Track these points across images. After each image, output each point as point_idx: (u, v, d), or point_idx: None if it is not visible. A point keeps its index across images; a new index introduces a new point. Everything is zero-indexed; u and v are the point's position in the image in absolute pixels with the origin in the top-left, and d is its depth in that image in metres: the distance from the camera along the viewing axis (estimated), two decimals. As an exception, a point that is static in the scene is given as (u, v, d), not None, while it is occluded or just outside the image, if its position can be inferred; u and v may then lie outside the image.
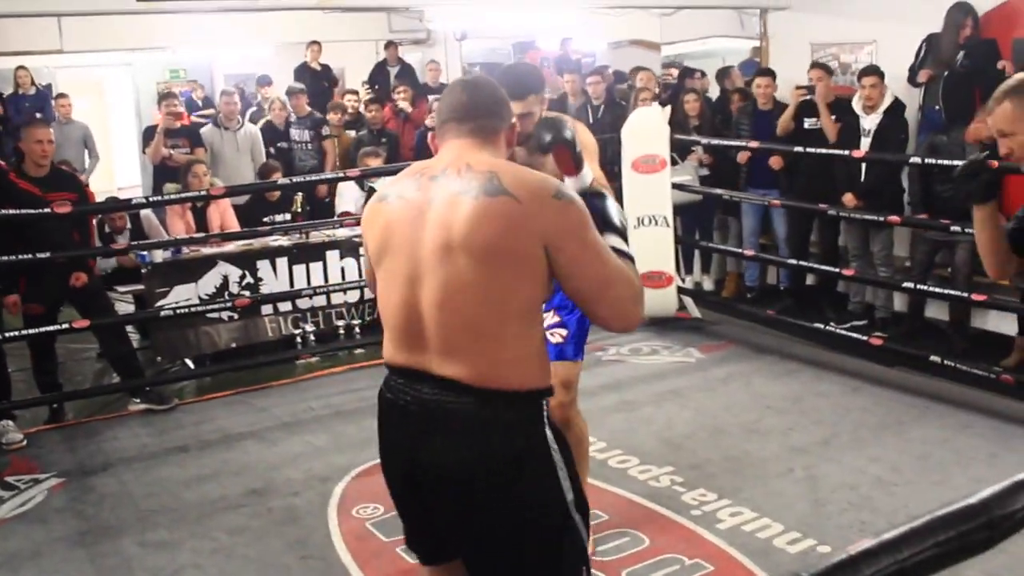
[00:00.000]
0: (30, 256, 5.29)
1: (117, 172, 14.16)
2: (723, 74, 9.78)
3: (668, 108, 7.07)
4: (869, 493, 4.26)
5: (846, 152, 6.23)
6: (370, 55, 12.78)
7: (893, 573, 1.31)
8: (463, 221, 2.09)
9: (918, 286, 5.90)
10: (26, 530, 4.28)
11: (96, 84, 15.10)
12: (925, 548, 1.35)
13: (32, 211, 5.32)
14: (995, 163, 3.10)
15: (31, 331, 5.46)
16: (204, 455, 5.03)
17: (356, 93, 10.25)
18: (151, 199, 6.76)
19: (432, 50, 13.45)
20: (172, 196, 6.70)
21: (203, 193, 6.50)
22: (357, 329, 6.98)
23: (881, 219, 5.89)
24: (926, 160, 5.61)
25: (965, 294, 5.54)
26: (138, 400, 5.78)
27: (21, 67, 10.92)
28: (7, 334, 5.37)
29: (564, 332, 3.69)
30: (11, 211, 5.25)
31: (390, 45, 12.02)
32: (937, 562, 1.37)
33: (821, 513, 4.11)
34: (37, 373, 5.77)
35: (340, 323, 6.96)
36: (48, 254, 5.36)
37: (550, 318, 3.62)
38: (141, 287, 6.66)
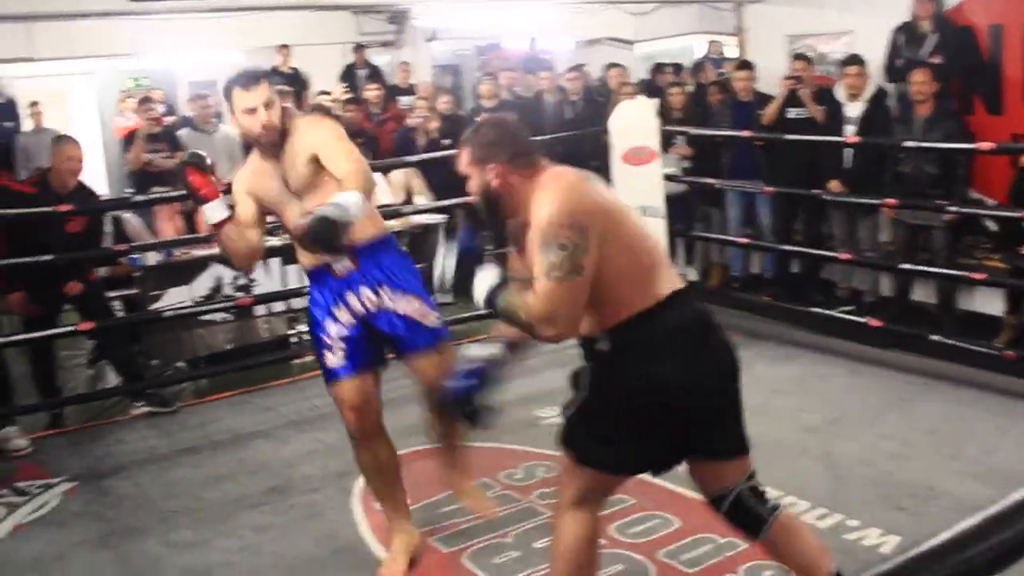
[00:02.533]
0: (30, 260, 5.24)
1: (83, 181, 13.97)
2: (698, 68, 9.91)
3: (656, 100, 7.14)
4: (887, 467, 4.34)
5: (841, 138, 6.33)
6: (337, 59, 12.74)
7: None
8: None
9: (918, 268, 6.02)
10: (46, 534, 4.25)
11: (60, 93, 14.90)
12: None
13: (23, 211, 5.27)
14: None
15: (34, 335, 5.40)
16: (217, 455, 5.00)
17: (329, 94, 10.20)
18: (147, 197, 6.71)
19: (400, 52, 13.42)
20: (164, 195, 6.66)
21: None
22: (353, 328, 6.95)
23: (875, 203, 5.98)
24: (921, 144, 5.71)
25: (964, 273, 5.64)
26: (140, 403, 5.73)
27: (-11, 75, 10.77)
28: (10, 338, 5.31)
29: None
30: (10, 211, 5.20)
31: (359, 48, 11.99)
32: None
33: (843, 488, 4.18)
34: (36, 377, 5.71)
35: (335, 322, 6.93)
36: (49, 257, 5.29)
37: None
38: (133, 291, 6.60)
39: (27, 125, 10.55)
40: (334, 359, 3.64)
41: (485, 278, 2.70)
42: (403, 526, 3.82)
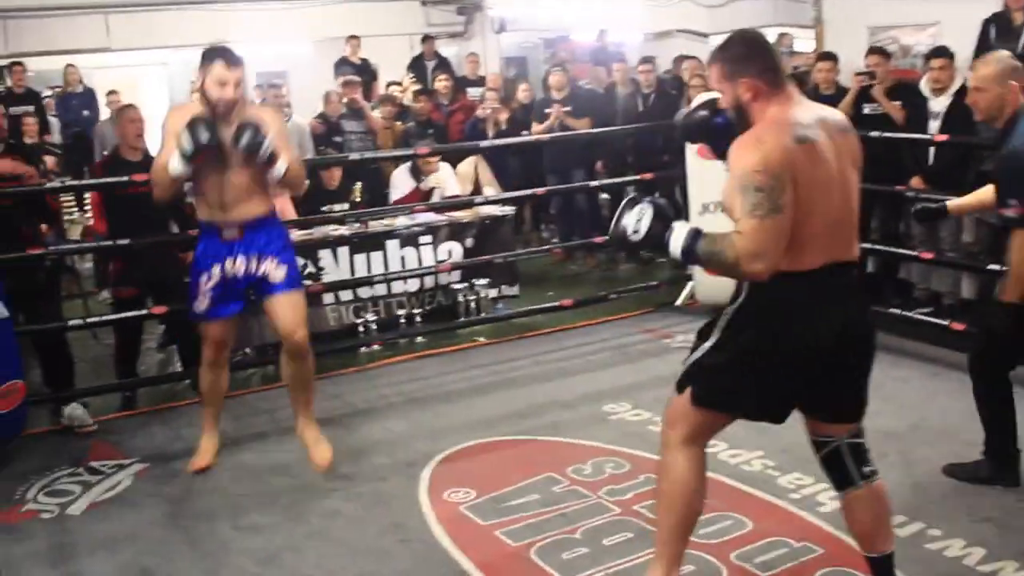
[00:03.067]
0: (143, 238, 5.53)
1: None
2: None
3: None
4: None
5: (918, 135, 6.15)
6: (404, 50, 12.77)
7: None
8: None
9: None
10: (120, 513, 4.28)
11: (132, 83, 15.11)
12: None
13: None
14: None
15: (110, 317, 5.48)
16: (284, 441, 4.99)
17: (400, 84, 10.22)
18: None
19: (468, 44, 13.44)
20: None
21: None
22: (418, 318, 6.94)
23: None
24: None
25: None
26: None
27: (70, 65, 10.96)
28: (88, 320, 5.39)
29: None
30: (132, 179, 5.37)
31: (427, 39, 12.00)
32: None
33: (924, 497, 4.05)
34: (120, 361, 5.79)
35: (401, 312, 6.93)
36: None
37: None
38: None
39: (104, 114, 10.68)
40: (201, 305, 4.50)
41: (682, 229, 2.83)
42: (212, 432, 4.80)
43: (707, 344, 2.99)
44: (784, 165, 2.71)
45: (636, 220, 2.88)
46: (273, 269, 4.44)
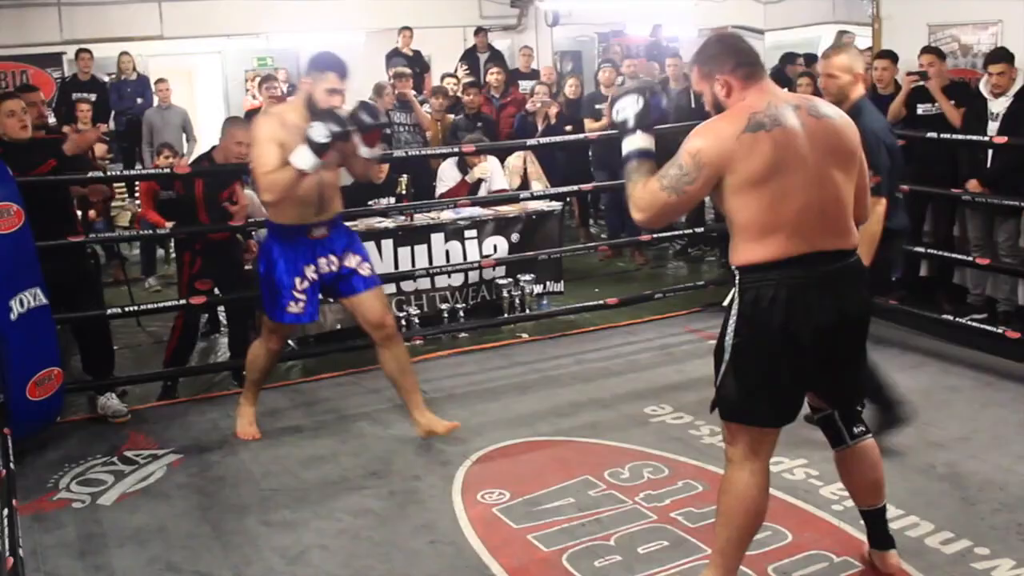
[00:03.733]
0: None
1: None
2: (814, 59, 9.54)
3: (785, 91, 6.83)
4: (1021, 494, 4.04)
5: (985, 137, 5.96)
6: (458, 42, 12.72)
7: None
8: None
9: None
10: (150, 504, 4.26)
11: (187, 71, 15.22)
12: None
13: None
14: None
15: (151, 305, 5.54)
16: (320, 435, 4.96)
17: (455, 76, 10.15)
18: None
19: (521, 36, 13.35)
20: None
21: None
22: (461, 313, 6.89)
23: (1018, 204, 5.59)
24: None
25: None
26: (237, 382, 5.77)
27: (124, 53, 11.03)
28: (126, 308, 5.43)
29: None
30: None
31: (480, 31, 11.93)
32: None
33: (972, 513, 3.91)
34: (176, 350, 5.83)
35: (444, 306, 6.87)
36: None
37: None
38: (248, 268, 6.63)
39: (154, 102, 10.75)
40: (296, 308, 4.56)
41: (637, 140, 3.15)
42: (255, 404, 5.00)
43: (725, 358, 3.08)
44: (714, 160, 2.90)
45: (626, 105, 3.19)
46: (359, 264, 4.62)
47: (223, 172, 5.85)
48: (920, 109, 6.86)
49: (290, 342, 6.49)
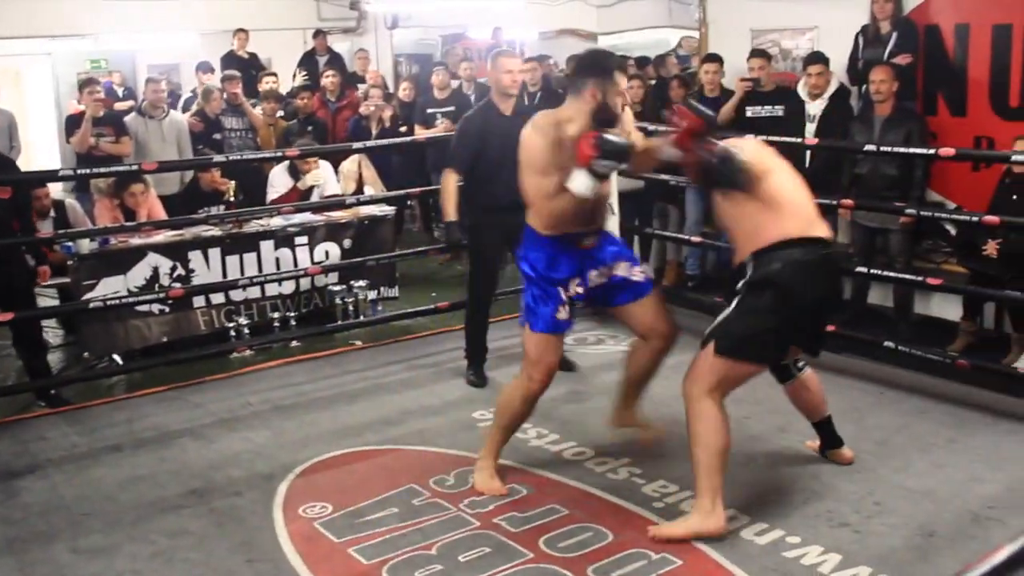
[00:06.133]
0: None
1: (36, 163, 13.70)
2: (660, 61, 9.74)
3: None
4: (831, 481, 4.18)
5: (795, 139, 6.16)
6: (297, 44, 12.52)
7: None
8: None
9: (885, 273, 5.89)
10: (-52, 537, 4.01)
11: (15, 74, 14.59)
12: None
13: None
14: None
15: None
16: (139, 454, 4.77)
17: (275, 75, 9.90)
18: (67, 173, 6.43)
19: (362, 39, 13.23)
20: (104, 170, 6.48)
21: (135, 168, 6.30)
22: (293, 321, 6.75)
23: (833, 203, 5.79)
24: (882, 148, 5.54)
25: (919, 278, 5.49)
26: (43, 403, 5.52)
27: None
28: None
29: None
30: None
31: (319, 34, 11.77)
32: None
33: (785, 503, 4.02)
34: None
35: (275, 315, 6.73)
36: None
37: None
38: (67, 280, 6.36)
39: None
40: (563, 314, 4.11)
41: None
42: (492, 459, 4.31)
43: (729, 308, 3.72)
44: None
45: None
46: (630, 270, 4.24)
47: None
48: (749, 112, 7.05)
49: (115, 356, 6.27)
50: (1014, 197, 5.72)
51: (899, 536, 3.73)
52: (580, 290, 4.13)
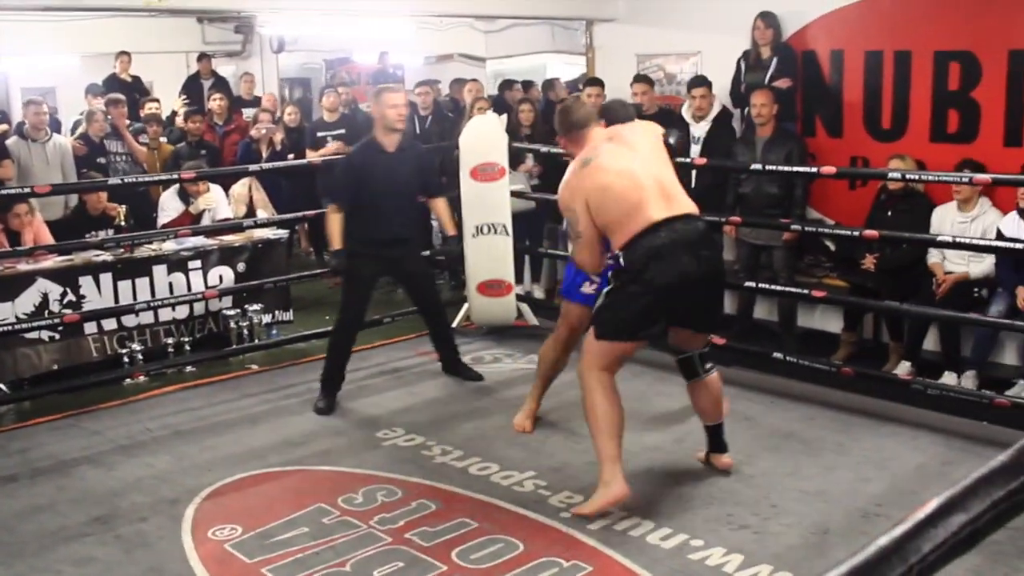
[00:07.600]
0: None
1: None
2: (548, 86, 9.93)
3: (504, 116, 7.06)
4: (730, 486, 4.36)
5: (684, 159, 6.37)
6: (181, 67, 12.35)
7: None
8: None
9: (772, 287, 6.14)
10: None
11: None
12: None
13: None
14: None
15: None
16: (36, 483, 4.66)
17: (158, 101, 9.77)
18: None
19: (247, 63, 13.10)
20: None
21: (26, 191, 6.15)
22: (187, 347, 6.66)
23: (721, 221, 6.02)
24: (767, 167, 5.80)
25: (805, 291, 5.75)
26: None
27: None
28: None
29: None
30: None
31: (203, 57, 11.64)
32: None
33: (687, 507, 4.17)
34: None
35: (169, 340, 6.63)
36: None
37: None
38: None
39: None
40: (589, 289, 4.78)
41: None
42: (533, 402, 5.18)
43: (603, 298, 4.15)
44: (576, 197, 4.21)
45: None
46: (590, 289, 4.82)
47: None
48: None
49: (1, 386, 6.10)
50: (888, 213, 6.04)
51: (795, 535, 3.92)
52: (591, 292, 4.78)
